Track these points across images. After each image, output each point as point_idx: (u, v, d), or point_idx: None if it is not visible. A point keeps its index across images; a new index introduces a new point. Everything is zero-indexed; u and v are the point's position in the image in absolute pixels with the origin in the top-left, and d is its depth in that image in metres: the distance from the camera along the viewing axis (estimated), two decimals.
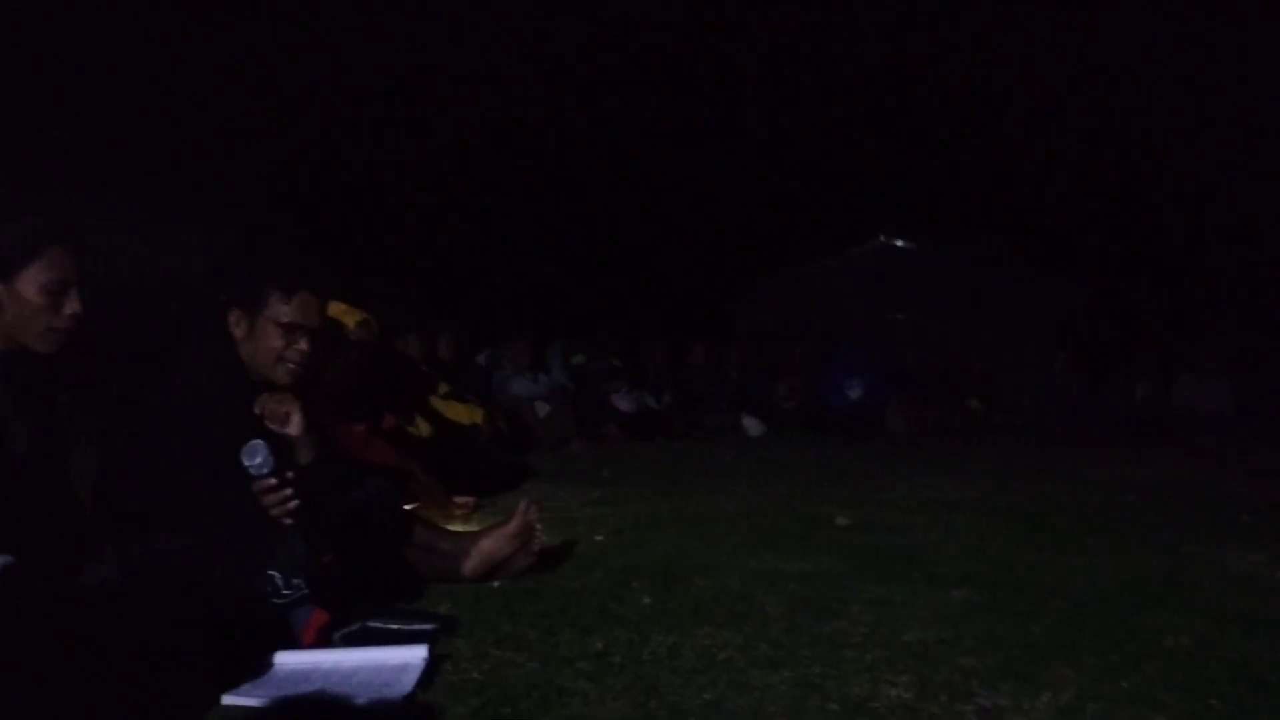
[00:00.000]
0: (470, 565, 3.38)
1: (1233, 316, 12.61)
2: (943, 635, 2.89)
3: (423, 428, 6.10)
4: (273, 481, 2.66)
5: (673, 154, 18.07)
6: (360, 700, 2.26)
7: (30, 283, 2.43)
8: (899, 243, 14.65)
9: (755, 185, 18.55)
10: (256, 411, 2.88)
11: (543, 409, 9.12)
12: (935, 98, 17.73)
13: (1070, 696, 2.36)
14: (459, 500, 5.00)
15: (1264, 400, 9.21)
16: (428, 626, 2.77)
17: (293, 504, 2.67)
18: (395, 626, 2.75)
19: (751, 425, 9.98)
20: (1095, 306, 13.21)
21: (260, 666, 2.44)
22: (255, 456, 2.66)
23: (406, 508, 3.74)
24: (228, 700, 2.24)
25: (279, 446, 2.76)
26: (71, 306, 2.49)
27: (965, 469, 6.72)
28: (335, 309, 4.70)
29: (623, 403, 9.98)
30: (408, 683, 2.34)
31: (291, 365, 2.95)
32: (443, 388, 7.29)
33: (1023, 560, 3.93)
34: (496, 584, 3.39)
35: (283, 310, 2.94)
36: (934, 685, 2.43)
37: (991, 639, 2.85)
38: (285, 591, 2.64)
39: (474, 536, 3.50)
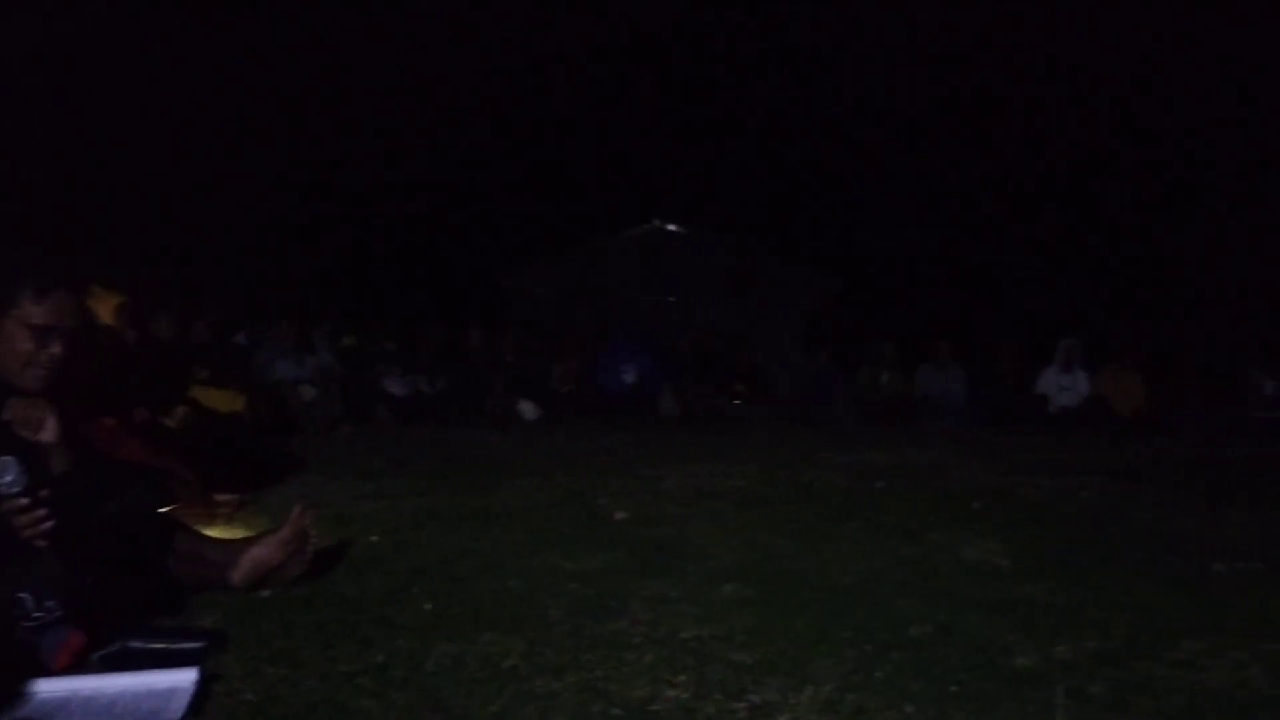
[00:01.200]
0: (240, 574, 3.22)
1: (966, 308, 13.86)
2: (717, 631, 3.04)
3: (179, 418, 5.73)
4: (24, 501, 2.44)
5: (450, 131, 17.72)
6: None
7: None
8: (671, 227, 14.99)
9: (533, 165, 18.51)
10: (4, 419, 2.63)
11: (308, 393, 8.78)
12: (711, 87, 18.28)
13: (830, 689, 2.54)
14: (221, 499, 4.74)
15: (991, 388, 10.20)
16: (195, 645, 2.63)
17: (46, 524, 2.46)
18: (160, 646, 2.58)
19: (528, 410, 10.02)
20: (846, 296, 14.08)
21: (10, 697, 2.24)
22: (5, 474, 2.43)
23: (166, 511, 3.52)
24: None
25: (30, 458, 2.53)
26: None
27: (734, 456, 7.03)
28: (90, 294, 4.34)
29: (395, 386, 9.76)
30: (176, 708, 2.21)
31: (42, 371, 2.71)
32: (200, 373, 6.88)
33: (786, 550, 4.18)
34: (268, 594, 3.25)
35: (34, 312, 2.69)
36: (710, 684, 2.56)
37: (761, 633, 3.03)
38: (36, 614, 2.42)
39: (243, 544, 3.34)
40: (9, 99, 12.65)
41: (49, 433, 2.67)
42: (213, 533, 3.76)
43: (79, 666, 2.44)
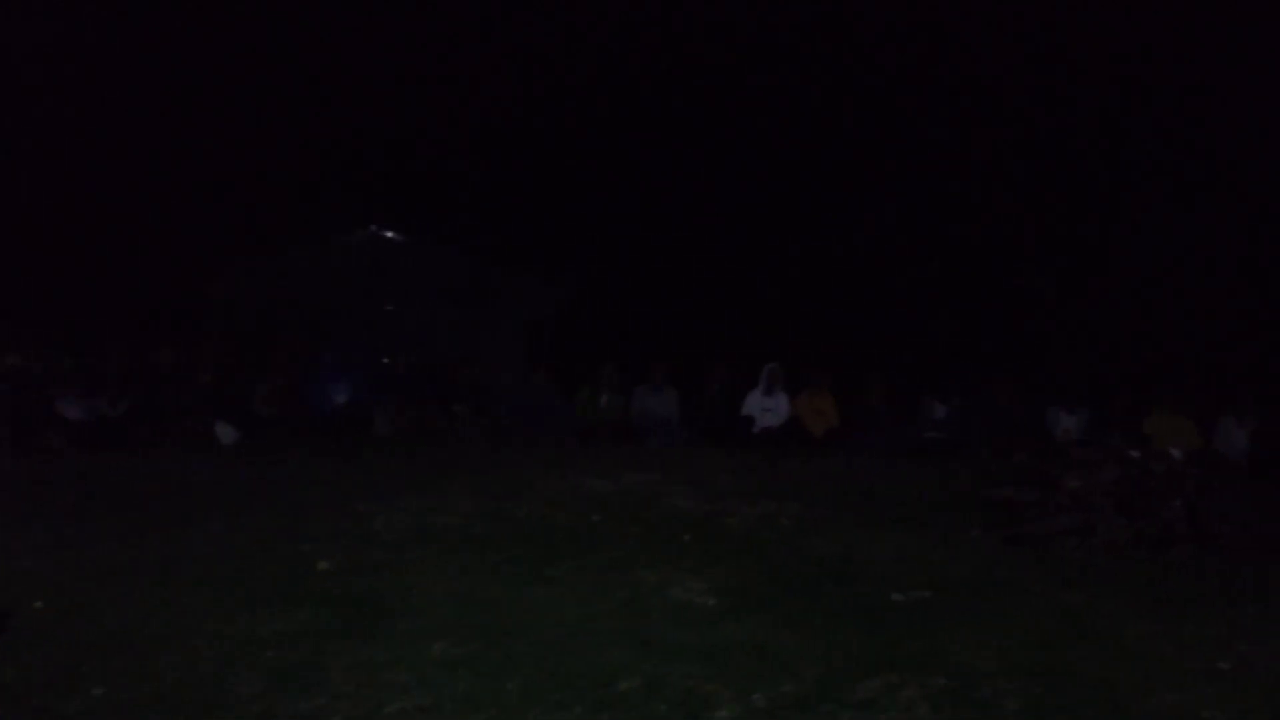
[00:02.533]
0: None
1: (680, 331, 14.42)
2: (424, 701, 2.94)
3: None
4: None
5: (153, 127, 16.25)
6: None
7: None
8: (390, 233, 14.53)
9: (238, 162, 17.30)
10: None
11: None
12: (434, 87, 17.81)
13: None
14: None
15: (701, 409, 10.65)
16: None
17: None
18: None
19: (225, 433, 9.30)
20: (570, 312, 14.22)
21: None
22: None
23: None
24: None
25: None
26: None
27: (450, 486, 6.86)
28: None
29: (71, 409, 8.79)
30: None
31: None
32: None
33: (500, 598, 4.12)
34: None
35: None
36: None
37: (471, 700, 2.96)
38: None
39: None
40: None
41: None
42: None
43: None
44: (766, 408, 10.68)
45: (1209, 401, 10.04)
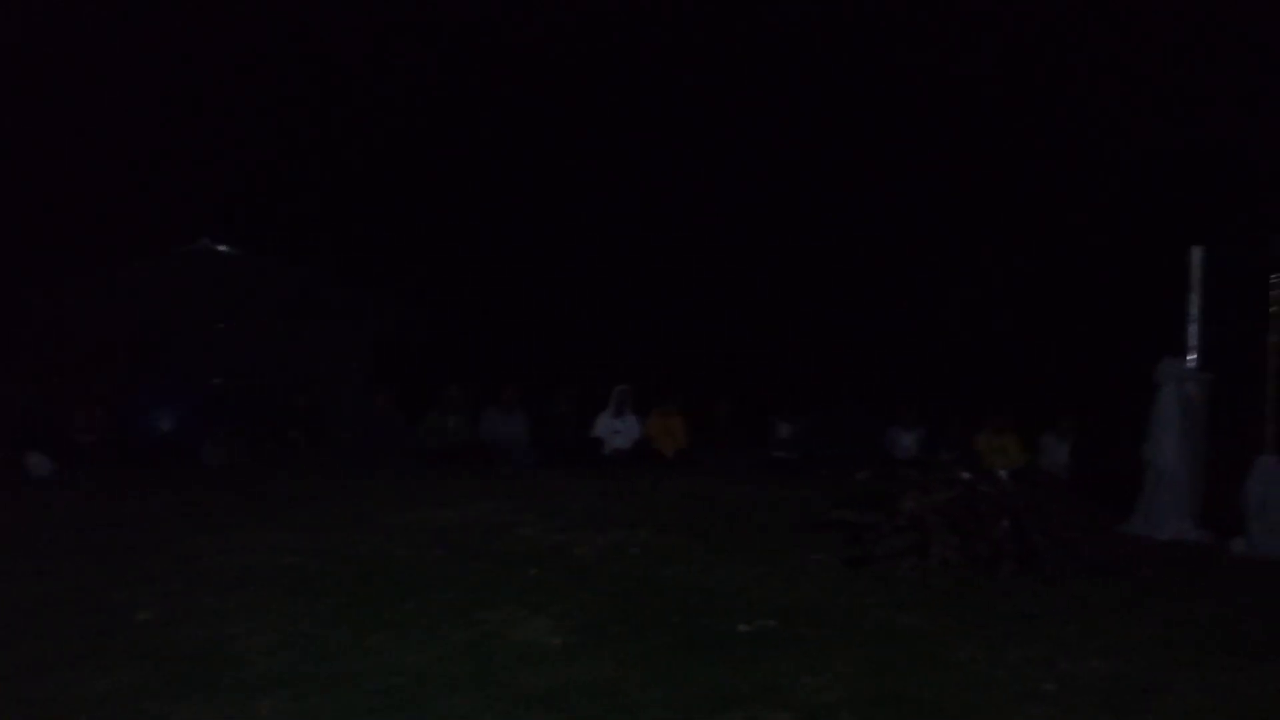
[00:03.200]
0: None
1: (532, 350, 14.28)
2: None
3: None
4: None
5: None
6: None
7: None
8: (222, 248, 13.91)
9: (55, 170, 16.16)
10: None
11: None
12: (273, 95, 17.09)
13: None
14: None
15: (551, 431, 10.57)
16: None
17: None
18: None
19: (39, 464, 8.66)
20: (412, 335, 13.86)
21: None
22: None
23: None
24: None
25: None
26: None
27: (285, 520, 6.57)
28: None
29: None
30: None
31: None
32: None
33: (337, 643, 3.94)
34: None
35: None
36: None
37: None
38: None
39: None
40: None
41: None
42: None
43: None
44: (617, 429, 10.70)
45: (1033, 419, 10.66)
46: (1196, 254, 7.53)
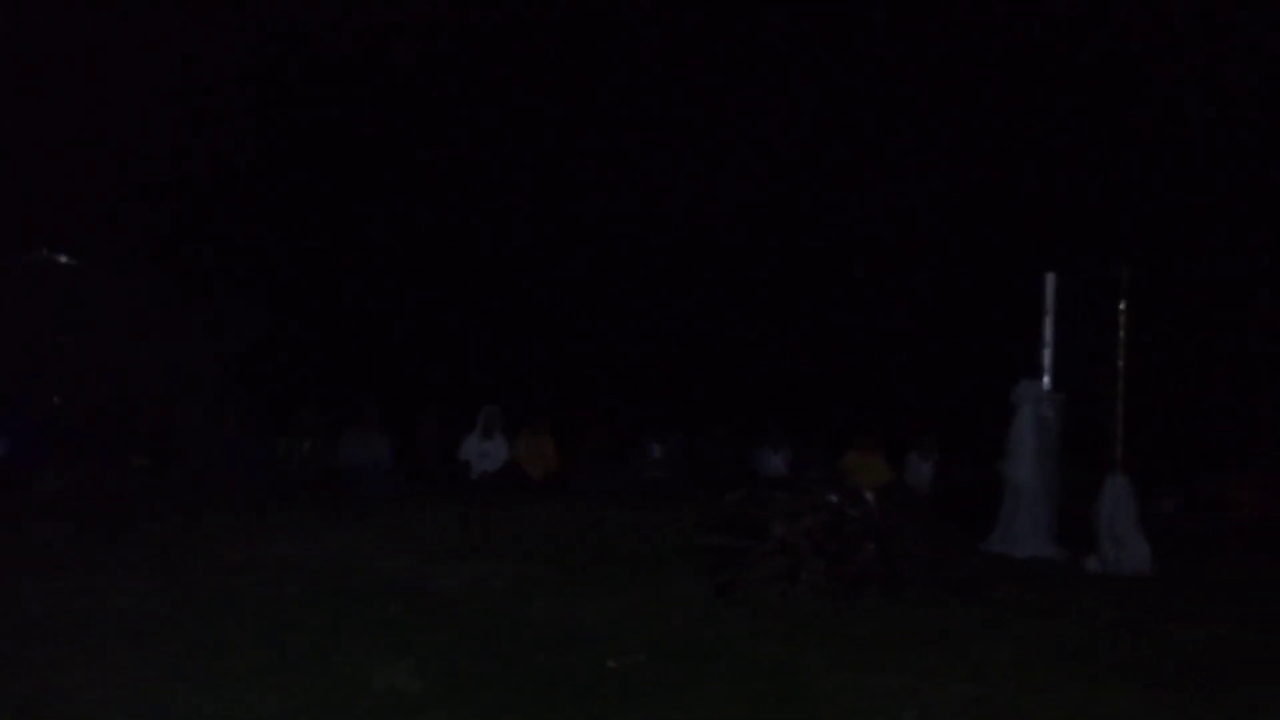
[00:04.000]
0: None
1: (394, 368, 13.86)
2: None
3: None
4: None
5: None
6: None
7: None
8: (63, 258, 13.18)
9: None
10: None
11: None
12: (119, 95, 16.13)
13: None
14: None
15: (414, 454, 10.27)
16: None
17: None
18: None
19: None
20: (264, 350, 13.27)
21: None
22: None
23: None
24: None
25: None
26: None
27: (126, 553, 6.13)
28: None
29: None
30: None
31: None
32: None
33: (179, 700, 3.64)
34: None
35: None
36: None
37: None
38: None
39: None
40: None
41: None
42: None
43: None
44: (484, 451, 10.49)
45: (898, 438, 10.97)
46: (1050, 280, 7.86)
